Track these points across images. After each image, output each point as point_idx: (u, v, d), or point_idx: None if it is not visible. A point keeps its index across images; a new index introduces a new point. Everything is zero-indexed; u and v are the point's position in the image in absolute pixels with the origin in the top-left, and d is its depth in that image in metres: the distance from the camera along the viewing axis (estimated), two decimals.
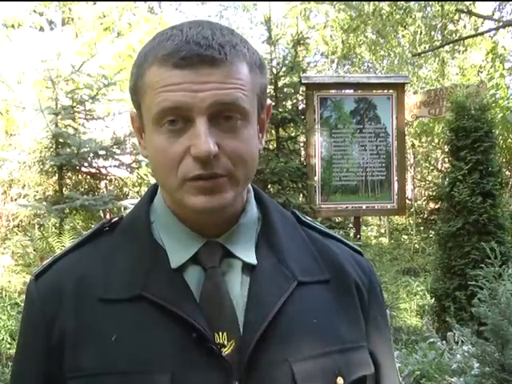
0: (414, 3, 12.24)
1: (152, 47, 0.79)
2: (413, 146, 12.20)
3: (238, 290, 0.82)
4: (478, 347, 2.76)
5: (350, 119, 6.18)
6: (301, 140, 6.51)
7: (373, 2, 12.22)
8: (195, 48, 0.75)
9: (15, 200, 8.21)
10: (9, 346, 4.75)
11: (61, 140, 6.77)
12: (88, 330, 0.80)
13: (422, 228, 10.17)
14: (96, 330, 0.80)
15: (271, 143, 6.07)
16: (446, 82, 12.68)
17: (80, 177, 7.78)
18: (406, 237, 10.93)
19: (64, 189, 7.15)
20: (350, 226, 6.68)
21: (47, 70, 6.71)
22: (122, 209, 6.74)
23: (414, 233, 10.37)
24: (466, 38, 11.55)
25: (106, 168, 7.26)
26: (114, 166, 7.19)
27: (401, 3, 12.03)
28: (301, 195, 6.22)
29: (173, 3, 16.87)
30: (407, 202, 8.93)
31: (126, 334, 0.79)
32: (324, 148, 6.14)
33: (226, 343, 0.78)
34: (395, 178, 6.21)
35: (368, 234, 11.01)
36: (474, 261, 4.72)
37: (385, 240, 11.08)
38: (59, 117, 6.83)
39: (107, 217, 6.72)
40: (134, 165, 7.22)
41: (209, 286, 0.81)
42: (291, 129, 6.47)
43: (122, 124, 7.40)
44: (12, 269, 6.81)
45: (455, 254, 4.93)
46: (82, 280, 0.83)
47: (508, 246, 4.84)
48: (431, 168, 10.83)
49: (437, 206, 7.10)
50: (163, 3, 15.47)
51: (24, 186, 8.24)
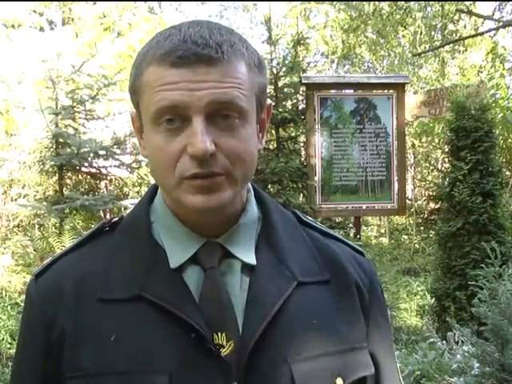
0: (413, 3, 12.24)
1: (150, 47, 0.79)
2: (413, 145, 12.20)
3: (237, 290, 0.82)
4: (478, 347, 2.76)
5: (350, 119, 6.17)
6: (301, 140, 6.51)
7: (373, 2, 12.22)
8: (192, 47, 0.75)
9: (15, 200, 8.20)
10: (9, 346, 4.74)
11: (61, 140, 6.77)
12: (87, 330, 0.80)
13: (422, 228, 10.16)
14: (95, 330, 0.80)
15: (271, 143, 6.07)
16: (446, 81, 12.67)
17: (80, 177, 7.78)
18: (406, 237, 10.93)
19: (64, 189, 7.15)
20: (350, 226, 6.67)
21: (47, 70, 6.71)
22: (122, 209, 6.74)
23: (414, 233, 10.37)
24: (466, 38, 11.55)
25: (106, 168, 7.26)
26: (114, 166, 7.19)
27: (401, 3, 12.02)
28: (301, 195, 6.21)
29: (173, 3, 16.87)
30: (407, 202, 8.92)
31: (126, 334, 0.79)
32: (324, 148, 6.13)
33: (225, 344, 0.78)
34: (395, 178, 6.21)
35: (368, 234, 11.01)
36: (474, 261, 4.72)
37: (385, 240, 11.07)
38: (59, 117, 6.83)
39: (107, 217, 6.71)
40: (134, 165, 7.22)
41: (208, 286, 0.81)
42: (291, 129, 6.47)
43: (122, 124, 7.40)
44: (12, 269, 6.80)
45: (455, 254, 4.93)
46: (81, 280, 0.83)
47: (508, 246, 4.84)
48: (431, 168, 10.83)
49: (437, 206, 7.10)
50: (163, 3, 15.47)
51: (24, 185, 8.24)
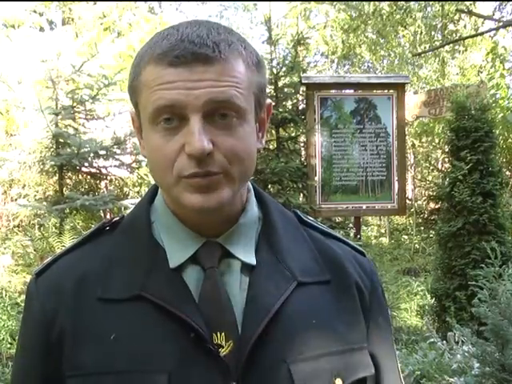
0: (413, 3, 12.24)
1: (149, 47, 0.79)
2: (413, 145, 12.19)
3: (236, 290, 0.82)
4: (478, 347, 2.76)
5: (350, 119, 6.17)
6: (301, 140, 6.50)
7: (373, 2, 12.22)
8: (189, 46, 0.75)
9: (15, 200, 8.20)
10: (9, 346, 4.74)
11: (61, 140, 6.77)
12: (87, 329, 0.80)
13: (422, 228, 10.14)
14: (95, 329, 0.80)
15: (271, 143, 6.06)
16: (447, 81, 12.67)
17: (80, 177, 7.78)
18: (406, 237, 10.92)
19: (64, 189, 7.15)
20: (351, 226, 6.67)
21: (47, 70, 6.71)
22: (122, 209, 6.74)
23: (414, 233, 10.36)
24: (466, 38, 11.54)
25: (106, 168, 7.26)
26: (115, 166, 7.19)
27: (401, 3, 12.02)
28: (301, 195, 6.21)
29: (173, 3, 16.89)
30: (407, 202, 8.92)
31: (125, 333, 0.79)
32: (324, 148, 6.13)
33: (224, 343, 0.78)
34: (395, 178, 6.20)
35: (368, 234, 11.01)
36: (474, 261, 4.72)
37: (385, 240, 11.07)
38: (59, 117, 6.83)
39: (107, 217, 6.72)
40: (134, 165, 7.22)
41: (208, 286, 0.81)
42: (291, 129, 6.46)
43: (122, 124, 7.40)
44: (12, 269, 6.81)
45: (455, 254, 4.92)
46: (81, 279, 0.83)
47: (508, 246, 4.83)
48: (431, 168, 10.81)
49: (437, 206, 7.08)
50: (163, 3, 15.48)
51: (24, 186, 8.24)
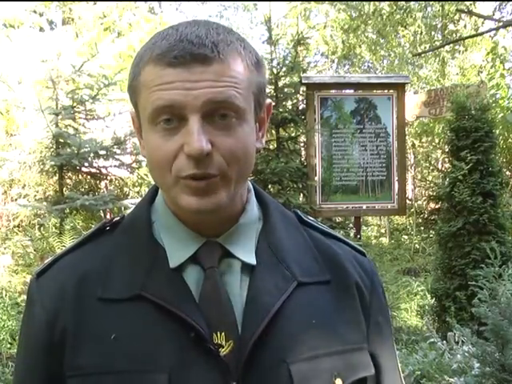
0: (413, 3, 12.23)
1: (148, 47, 0.79)
2: (413, 145, 12.19)
3: (237, 290, 0.82)
4: (479, 347, 2.76)
5: (350, 119, 6.17)
6: (301, 140, 6.51)
7: (373, 2, 12.21)
8: (188, 46, 0.75)
9: (15, 200, 8.20)
10: (9, 346, 4.74)
11: (61, 140, 6.77)
12: (87, 329, 0.80)
13: (422, 228, 10.15)
14: (95, 329, 0.80)
15: (271, 143, 6.06)
16: (447, 81, 12.67)
17: (80, 177, 7.78)
18: (406, 237, 10.91)
19: (64, 189, 7.15)
20: (351, 226, 6.67)
21: (47, 70, 6.72)
22: (123, 209, 6.74)
23: (414, 233, 10.35)
24: (466, 38, 11.53)
25: (106, 168, 7.27)
26: (115, 166, 7.20)
27: (401, 3, 12.02)
28: (301, 195, 6.21)
29: (173, 3, 16.89)
30: (407, 202, 8.92)
31: (125, 333, 0.79)
32: (324, 148, 6.13)
33: (224, 343, 0.78)
34: (395, 178, 6.21)
35: (368, 234, 11.01)
36: (474, 261, 4.72)
37: (385, 240, 11.06)
38: (59, 117, 6.83)
39: (108, 217, 6.72)
40: (134, 165, 7.22)
41: (208, 286, 0.81)
42: (291, 129, 6.46)
43: (122, 124, 7.40)
44: (12, 269, 6.80)
45: (455, 254, 4.92)
46: (82, 279, 0.83)
47: (508, 246, 4.83)
48: (431, 168, 10.82)
49: (437, 206, 7.08)
50: (163, 3, 15.48)
51: (24, 186, 8.24)
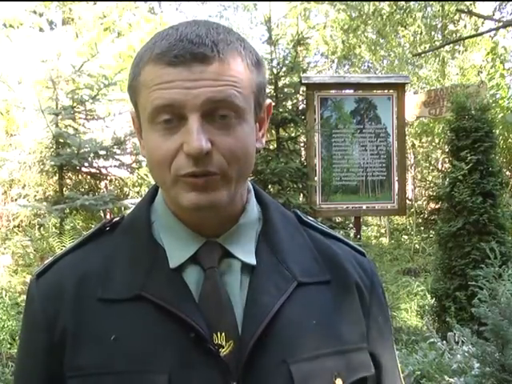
0: (413, 3, 12.24)
1: (148, 47, 0.79)
2: (413, 146, 12.20)
3: (237, 290, 0.82)
4: (479, 347, 2.77)
5: (350, 119, 6.17)
6: (301, 140, 6.50)
7: (373, 2, 12.21)
8: (188, 46, 0.75)
9: (15, 200, 8.20)
10: (9, 346, 4.73)
11: (61, 140, 6.77)
12: (88, 330, 0.80)
13: (422, 228, 10.15)
14: (95, 330, 0.80)
15: (271, 143, 6.06)
16: (447, 82, 12.67)
17: (80, 177, 7.77)
18: (406, 237, 10.91)
19: (64, 189, 7.15)
20: (351, 226, 6.67)
21: (47, 70, 6.72)
22: (123, 209, 6.74)
23: (414, 233, 10.35)
24: (466, 38, 11.53)
25: (106, 168, 7.26)
26: (115, 166, 7.19)
27: (401, 3, 12.02)
28: (301, 195, 6.21)
29: (173, 3, 16.90)
30: (407, 202, 8.92)
31: (125, 333, 0.79)
32: (324, 148, 6.13)
33: (224, 343, 0.78)
34: (395, 178, 6.20)
35: (368, 234, 11.00)
36: (474, 261, 4.72)
37: (385, 240, 11.06)
38: (59, 117, 6.83)
39: (107, 217, 6.72)
40: (134, 165, 7.22)
41: (208, 286, 0.81)
42: (291, 129, 6.46)
43: (122, 124, 7.39)
44: (12, 269, 6.80)
45: (455, 254, 4.93)
46: (82, 279, 0.83)
47: (508, 246, 4.84)
48: (431, 168, 10.83)
49: (437, 206, 7.08)
50: (163, 3, 15.49)
51: (24, 186, 8.23)
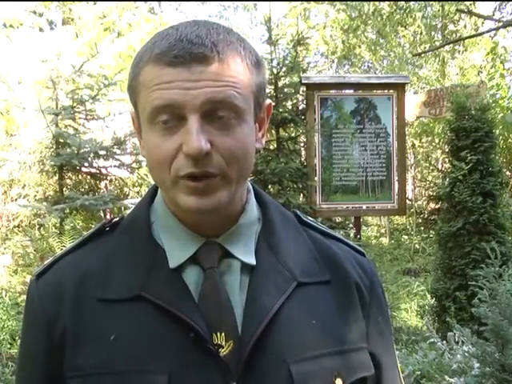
0: (413, 3, 12.23)
1: (148, 47, 0.79)
2: (413, 146, 12.19)
3: (236, 290, 0.82)
4: (479, 347, 2.77)
5: (350, 119, 6.17)
6: (301, 140, 6.50)
7: (373, 2, 12.21)
8: (187, 46, 0.75)
9: (15, 200, 8.20)
10: (9, 346, 4.73)
11: (61, 140, 6.77)
12: (87, 330, 0.80)
13: (422, 228, 10.15)
14: (95, 330, 0.80)
15: (271, 143, 6.05)
16: (447, 82, 12.67)
17: (80, 177, 7.77)
18: (406, 237, 10.91)
19: (64, 189, 7.15)
20: (351, 226, 6.67)
21: (47, 70, 6.72)
22: (123, 209, 6.74)
23: (414, 233, 10.35)
24: (466, 38, 11.53)
25: (106, 168, 7.26)
26: (115, 166, 7.19)
27: (401, 3, 12.02)
28: (301, 195, 6.21)
29: (173, 3, 16.90)
30: (407, 202, 8.92)
31: (125, 333, 0.79)
32: (324, 148, 6.13)
33: (224, 343, 0.78)
34: (395, 178, 6.20)
35: (368, 234, 11.00)
36: (474, 261, 4.72)
37: (385, 240, 11.06)
38: (59, 117, 6.83)
39: (107, 217, 6.71)
40: (134, 165, 7.22)
41: (208, 286, 0.81)
42: (291, 129, 6.46)
43: (122, 124, 7.40)
44: (12, 269, 6.80)
45: (455, 254, 4.92)
46: (82, 280, 0.83)
47: (508, 246, 4.83)
48: (431, 168, 10.82)
49: (437, 206, 7.08)
50: (163, 3, 15.49)
51: (24, 186, 8.23)
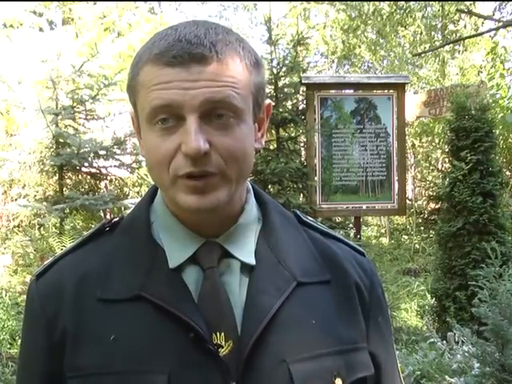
0: (413, 3, 12.23)
1: (147, 47, 0.79)
2: (413, 146, 12.19)
3: (236, 290, 0.82)
4: (479, 347, 2.77)
5: (350, 119, 6.17)
6: (301, 140, 6.50)
7: (373, 2, 12.21)
8: (186, 46, 0.75)
9: (15, 200, 8.20)
10: (9, 346, 4.73)
11: (61, 140, 6.77)
12: (87, 330, 0.80)
13: (422, 228, 10.14)
14: (95, 330, 0.80)
15: (271, 143, 6.05)
16: (447, 81, 12.66)
17: (80, 177, 7.78)
18: (406, 237, 10.90)
19: (64, 189, 7.15)
20: (351, 226, 6.66)
21: (47, 70, 6.72)
22: (123, 209, 6.74)
23: (414, 233, 10.35)
24: (466, 38, 11.53)
25: (106, 168, 7.27)
26: (115, 166, 7.19)
27: (401, 3, 12.02)
28: (301, 195, 6.21)
29: (172, 3, 16.90)
30: (407, 202, 8.92)
31: (125, 333, 0.79)
32: (324, 148, 6.13)
33: (223, 343, 0.78)
34: (395, 178, 6.20)
35: (368, 234, 11.00)
36: (474, 261, 4.72)
37: (385, 240, 11.05)
38: (59, 117, 6.83)
39: (107, 217, 6.72)
40: (134, 165, 7.22)
41: (207, 286, 0.81)
42: (291, 129, 6.45)
43: (122, 124, 7.40)
44: (12, 269, 6.81)
45: (455, 254, 4.92)
46: (81, 280, 0.83)
47: (508, 246, 4.83)
48: (431, 168, 10.81)
49: (437, 206, 7.07)
50: (163, 3, 15.49)
51: (24, 186, 8.23)
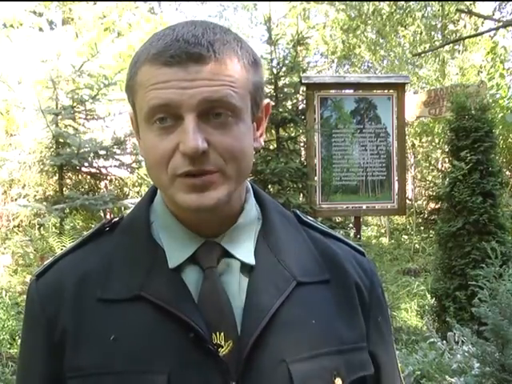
0: (413, 3, 12.23)
1: (145, 47, 0.79)
2: (413, 146, 12.19)
3: (236, 290, 0.82)
4: (479, 347, 2.77)
5: (350, 119, 6.17)
6: (301, 140, 6.50)
7: (373, 2, 12.21)
8: (184, 46, 0.75)
9: (15, 200, 8.19)
10: (9, 346, 4.73)
11: (61, 140, 6.77)
12: (87, 330, 0.80)
13: (422, 228, 10.14)
14: (95, 330, 0.80)
15: (271, 143, 6.05)
16: (447, 81, 12.66)
17: (80, 177, 7.78)
18: (406, 237, 10.90)
19: (64, 189, 7.15)
20: (351, 226, 6.67)
21: (47, 70, 6.72)
22: (123, 209, 6.74)
23: (414, 233, 10.35)
24: (466, 37, 11.53)
25: (106, 168, 7.27)
26: (115, 166, 7.20)
27: (401, 3, 12.02)
28: (301, 195, 6.21)
29: (172, 3, 16.90)
30: (407, 201, 8.92)
31: (125, 334, 0.79)
32: (324, 148, 6.13)
33: (223, 343, 0.78)
34: (395, 178, 6.20)
35: (368, 234, 11.00)
36: (474, 261, 4.72)
37: (385, 240, 11.05)
38: (59, 117, 6.83)
39: (107, 217, 6.72)
40: (134, 165, 7.22)
41: (207, 286, 0.81)
42: (291, 129, 6.45)
43: (122, 124, 7.40)
44: (12, 269, 6.80)
45: (455, 254, 4.92)
46: (81, 280, 0.83)
47: (508, 246, 4.83)
48: (431, 168, 10.81)
49: (437, 206, 7.08)
50: (163, 3, 15.49)
51: (24, 185, 8.23)
